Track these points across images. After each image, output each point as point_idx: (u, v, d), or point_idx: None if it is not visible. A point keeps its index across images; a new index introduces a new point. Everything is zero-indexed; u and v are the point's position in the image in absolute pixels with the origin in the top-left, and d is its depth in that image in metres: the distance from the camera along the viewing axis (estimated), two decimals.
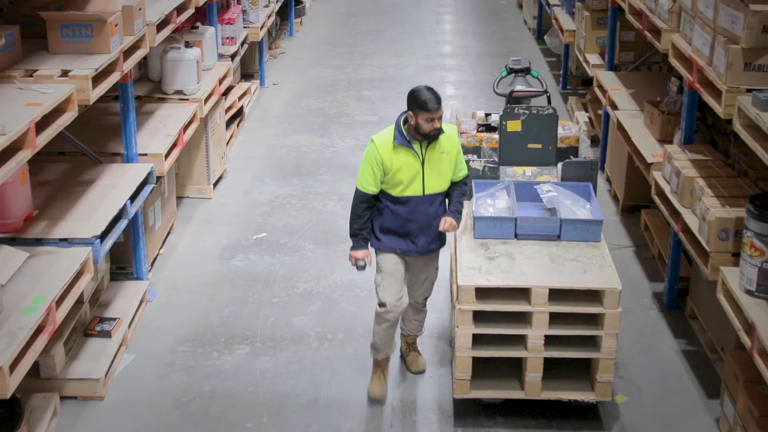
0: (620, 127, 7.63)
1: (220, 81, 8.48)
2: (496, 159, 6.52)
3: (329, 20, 15.75)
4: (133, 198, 6.17)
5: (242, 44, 10.14)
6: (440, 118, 5.33)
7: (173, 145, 7.08)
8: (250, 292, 7.01)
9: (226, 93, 9.17)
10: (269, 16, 11.72)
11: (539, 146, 6.45)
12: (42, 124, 4.84)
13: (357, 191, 5.64)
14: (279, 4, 12.68)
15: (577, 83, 11.55)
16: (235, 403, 5.75)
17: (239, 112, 10.04)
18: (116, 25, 5.78)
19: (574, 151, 6.68)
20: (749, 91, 5.18)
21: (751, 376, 5.06)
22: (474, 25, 15.57)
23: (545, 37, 12.97)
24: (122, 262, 6.94)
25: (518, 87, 6.92)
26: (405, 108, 5.56)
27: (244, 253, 7.58)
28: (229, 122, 9.53)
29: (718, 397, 5.64)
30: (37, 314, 4.75)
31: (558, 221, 5.79)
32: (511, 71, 6.97)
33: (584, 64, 9.80)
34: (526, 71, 6.94)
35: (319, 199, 8.56)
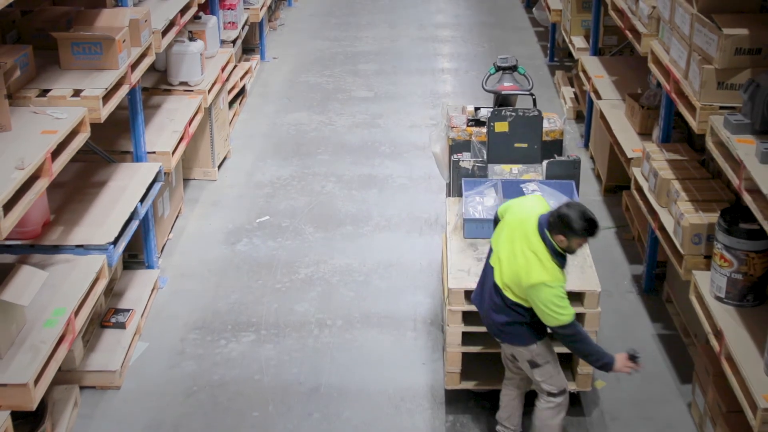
0: (603, 117, 7.70)
1: (223, 69, 8.50)
2: (485, 154, 6.61)
3: None
4: (143, 199, 6.28)
5: (243, 27, 10.11)
6: None
7: (180, 139, 7.16)
8: (255, 277, 7.14)
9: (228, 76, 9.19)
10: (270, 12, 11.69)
11: (525, 145, 6.52)
12: (57, 149, 4.92)
13: (564, 326, 4.71)
14: None
15: (564, 55, 11.56)
16: (242, 391, 5.92)
17: (241, 91, 10.07)
18: (124, 41, 5.81)
19: (558, 144, 6.74)
20: (722, 108, 5.28)
21: (720, 370, 5.22)
22: None
23: (534, 9, 12.91)
24: (134, 249, 7.03)
25: (506, 84, 6.96)
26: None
27: (248, 237, 7.69)
28: (231, 101, 9.57)
29: (691, 382, 5.83)
30: (58, 327, 4.90)
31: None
32: (499, 68, 7.00)
33: (570, 45, 9.81)
34: (514, 68, 6.97)
35: (318, 180, 8.64)
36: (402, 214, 8.04)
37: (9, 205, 4.34)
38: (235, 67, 9.69)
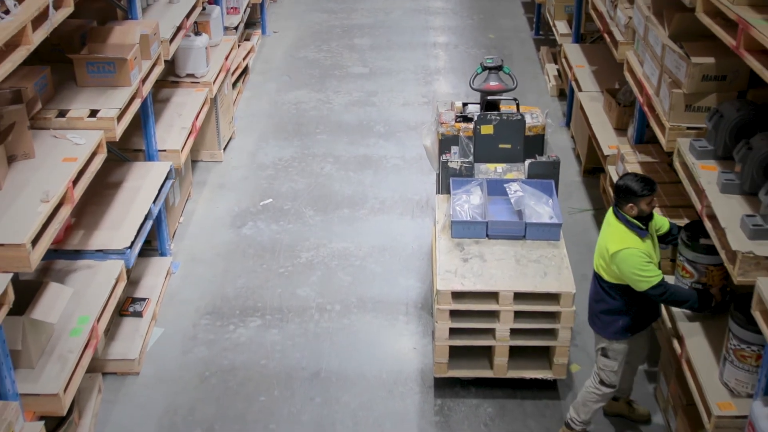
0: (582, 109, 7.82)
1: (227, 57, 8.57)
2: (472, 148, 6.76)
3: None
4: (156, 198, 6.45)
5: (245, 10, 10.11)
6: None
7: (188, 134, 7.28)
8: (259, 261, 7.34)
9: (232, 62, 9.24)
10: None
11: (509, 146, 6.69)
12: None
13: (655, 287, 4.83)
14: None
15: (549, 28, 11.55)
16: (250, 376, 6.17)
17: (245, 69, 10.12)
18: (135, 58, 5.91)
19: (540, 138, 6.88)
20: (689, 128, 5.44)
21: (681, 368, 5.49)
22: None
23: None
24: (148, 237, 7.22)
25: (492, 83, 7.06)
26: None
27: (253, 220, 7.87)
28: (235, 81, 9.63)
29: (657, 366, 6.09)
30: (83, 336, 5.13)
31: (523, 224, 6.10)
32: (485, 68, 7.10)
33: (553, 28, 9.83)
34: (499, 68, 7.07)
35: (317, 162, 8.77)
36: (395, 197, 8.21)
37: (36, 238, 4.52)
38: (238, 47, 9.75)
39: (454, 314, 5.79)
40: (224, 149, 8.89)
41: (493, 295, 5.73)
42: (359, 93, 10.16)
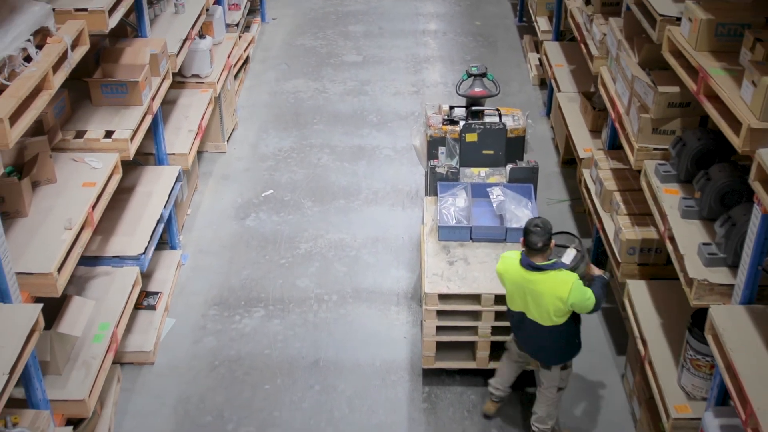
0: (560, 109, 7.97)
1: (229, 55, 8.66)
2: (458, 148, 6.96)
3: None
4: (166, 203, 6.63)
5: (245, 5, 10.13)
6: None
7: (195, 136, 7.42)
8: (262, 252, 7.55)
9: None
10: None
11: (491, 152, 6.90)
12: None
13: (596, 304, 5.08)
14: None
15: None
16: (255, 365, 6.43)
17: (246, 59, 10.19)
18: (146, 79, 6.05)
19: (521, 140, 7.07)
20: (656, 149, 5.63)
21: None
22: None
23: None
24: None
25: (477, 89, 7.22)
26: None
27: (256, 212, 8.06)
28: (237, 72, 9.71)
29: (625, 354, 6.37)
30: (104, 342, 5.37)
31: (504, 229, 6.33)
32: (470, 75, 7.24)
33: (535, 24, 9.89)
34: (483, 75, 7.22)
35: (315, 153, 8.92)
36: (387, 188, 8.38)
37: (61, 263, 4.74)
38: (240, 38, 9.80)
39: (441, 314, 6.06)
40: (228, 140, 9.02)
41: (476, 297, 5.98)
42: (353, 82, 10.25)
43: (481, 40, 11.15)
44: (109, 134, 5.76)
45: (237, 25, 9.52)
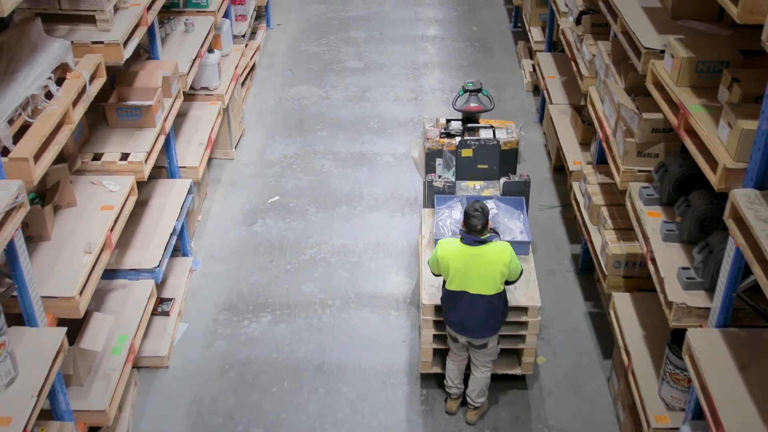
0: (551, 120, 8.08)
1: (237, 66, 8.77)
2: (454, 161, 7.10)
3: None
4: (179, 216, 6.78)
5: (252, 15, 10.18)
6: None
7: (205, 149, 7.56)
8: (269, 258, 7.70)
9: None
10: None
11: (486, 166, 7.03)
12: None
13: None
14: None
15: None
16: (263, 369, 6.59)
17: (252, 66, 10.28)
18: (158, 102, 6.18)
19: (514, 152, 7.21)
20: (640, 171, 5.76)
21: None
22: None
23: None
24: None
25: (472, 104, 7.34)
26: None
27: (263, 218, 8.20)
28: (244, 79, 9.81)
29: (611, 357, 6.54)
30: (123, 353, 5.54)
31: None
32: (466, 91, 7.36)
33: (529, 33, 9.97)
34: (479, 91, 7.34)
35: (318, 159, 9.04)
36: (387, 194, 8.52)
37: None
38: (246, 47, 9.89)
39: (437, 323, 6.24)
40: (235, 147, 9.15)
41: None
42: (355, 88, 10.34)
43: (477, 46, 11.22)
44: (124, 156, 5.90)
45: (244, 36, 9.58)
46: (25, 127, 4.53)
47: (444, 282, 5.73)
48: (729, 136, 4.19)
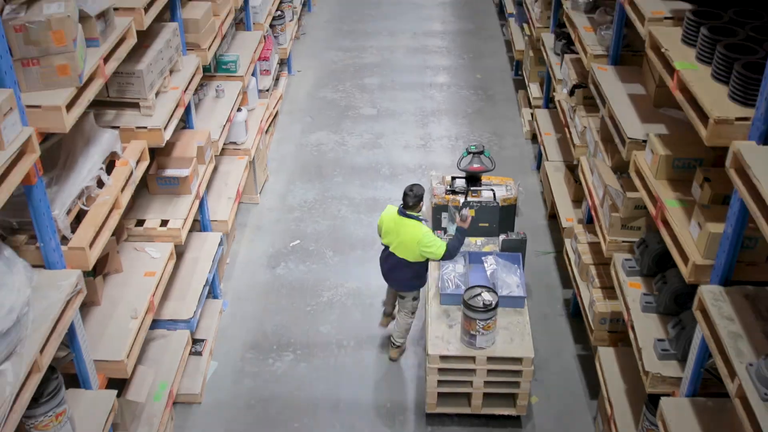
0: (546, 176, 8.35)
1: (262, 120, 9.08)
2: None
3: None
4: (211, 267, 7.11)
5: (275, 68, 10.44)
6: None
7: (234, 201, 7.87)
8: (291, 300, 7.98)
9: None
10: (296, 28, 11.82)
11: (486, 225, 7.34)
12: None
13: (446, 253, 6.45)
14: (300, 7, 12.58)
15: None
16: (286, 405, 6.86)
17: (275, 114, 10.57)
18: (194, 170, 6.50)
19: (513, 208, 7.52)
20: (624, 242, 6.04)
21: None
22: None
23: (503, 28, 13.07)
24: None
25: (475, 165, 7.64)
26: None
27: (285, 261, 8.49)
28: (267, 127, 10.11)
29: (597, 398, 6.80)
30: (163, 399, 5.86)
31: (495, 300, 6.76)
32: (470, 153, 7.66)
33: (528, 88, 10.21)
34: (481, 152, 7.64)
35: (335, 204, 9.33)
36: None
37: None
38: (270, 97, 10.19)
39: (441, 370, 6.54)
40: (260, 192, 9.45)
41: (471, 358, 6.45)
42: (369, 135, 10.62)
43: (480, 93, 11.49)
44: (164, 223, 6.23)
45: (268, 90, 9.86)
46: (80, 212, 4.86)
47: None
48: (699, 235, 4.48)
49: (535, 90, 9.90)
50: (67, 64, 4.23)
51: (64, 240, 4.67)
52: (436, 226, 7.58)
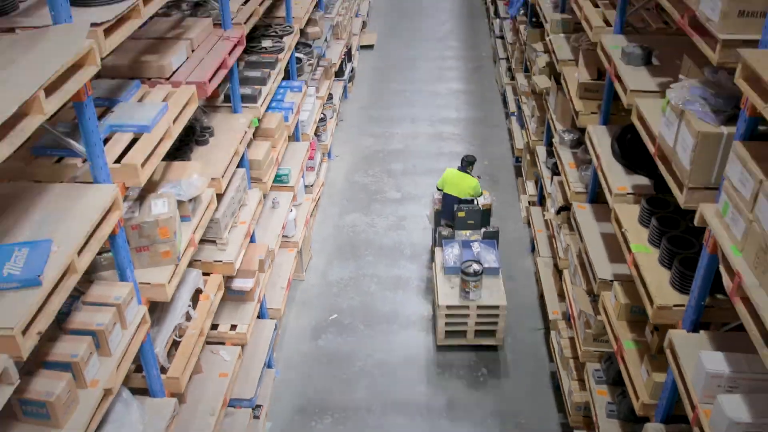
0: (538, 272, 8.90)
1: (307, 215, 9.73)
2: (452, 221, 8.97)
3: (371, 77, 15.61)
4: (267, 353, 7.77)
5: (319, 164, 11.00)
6: None
7: (284, 289, 8.54)
8: (330, 369, 8.54)
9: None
10: (335, 124, 12.32)
11: (473, 222, 8.89)
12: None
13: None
14: (339, 103, 13.10)
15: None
16: None
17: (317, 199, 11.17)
18: (256, 282, 7.16)
19: (489, 210, 9.09)
20: (595, 351, 6.59)
21: None
22: (464, 83, 15.56)
23: (506, 119, 13.49)
24: None
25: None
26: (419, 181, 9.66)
27: (325, 333, 9.09)
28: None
29: None
30: None
31: (481, 268, 8.13)
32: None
33: (524, 184, 10.70)
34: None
35: (366, 282, 9.90)
36: (415, 315, 9.28)
37: None
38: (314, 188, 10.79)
39: (448, 315, 8.04)
40: (305, 270, 10.09)
41: (466, 306, 8.01)
42: (394, 218, 11.19)
43: (487, 179, 12.01)
44: (233, 327, 6.90)
45: (312, 185, 10.43)
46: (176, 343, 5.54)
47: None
48: (647, 380, 5.06)
49: (530, 187, 10.39)
50: (170, 250, 4.93)
51: (163, 369, 5.36)
52: (437, 223, 9.36)
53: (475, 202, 9.02)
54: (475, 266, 8.15)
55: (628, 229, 5.33)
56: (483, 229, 8.96)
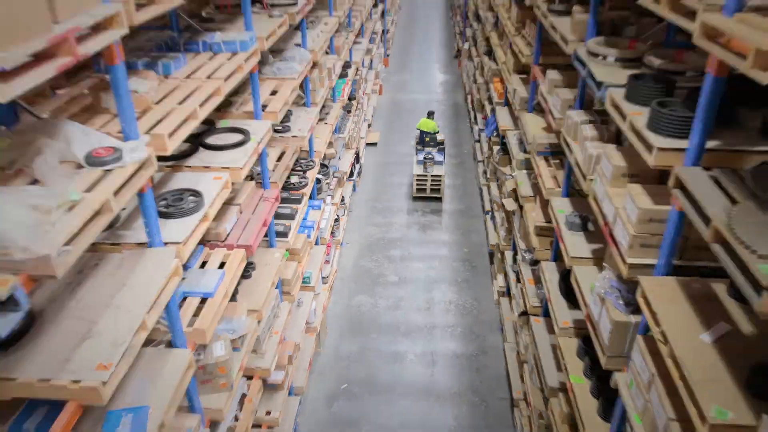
0: (504, 350, 9.60)
1: (325, 300, 10.47)
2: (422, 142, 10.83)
3: (374, 171, 15.69)
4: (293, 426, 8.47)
5: (334, 253, 11.73)
6: None
7: (307, 369, 9.25)
8: None
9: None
10: (346, 218, 13.03)
11: (432, 143, 12.53)
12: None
13: None
14: (349, 198, 13.82)
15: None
16: None
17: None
18: (286, 374, 7.89)
19: (443, 143, 12.93)
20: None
21: None
22: (451, 178, 15.77)
23: (484, 212, 14.21)
24: None
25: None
26: (413, 266, 10.29)
27: (338, 401, 9.74)
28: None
29: None
30: None
31: (433, 158, 12.24)
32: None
33: (494, 279, 11.44)
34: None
35: (371, 355, 10.54)
36: (411, 387, 9.94)
37: None
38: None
39: (417, 179, 10.60)
40: (322, 345, 10.79)
41: (426, 175, 11.57)
42: (393, 299, 11.88)
43: (467, 264, 12.74)
44: (268, 412, 7.61)
45: (328, 276, 11.17)
46: None
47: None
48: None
49: (500, 280, 11.09)
50: (226, 382, 5.69)
51: None
52: (417, 144, 13.40)
53: (436, 136, 13.18)
54: (430, 156, 13.07)
55: (568, 362, 6.08)
56: (437, 147, 13.46)
